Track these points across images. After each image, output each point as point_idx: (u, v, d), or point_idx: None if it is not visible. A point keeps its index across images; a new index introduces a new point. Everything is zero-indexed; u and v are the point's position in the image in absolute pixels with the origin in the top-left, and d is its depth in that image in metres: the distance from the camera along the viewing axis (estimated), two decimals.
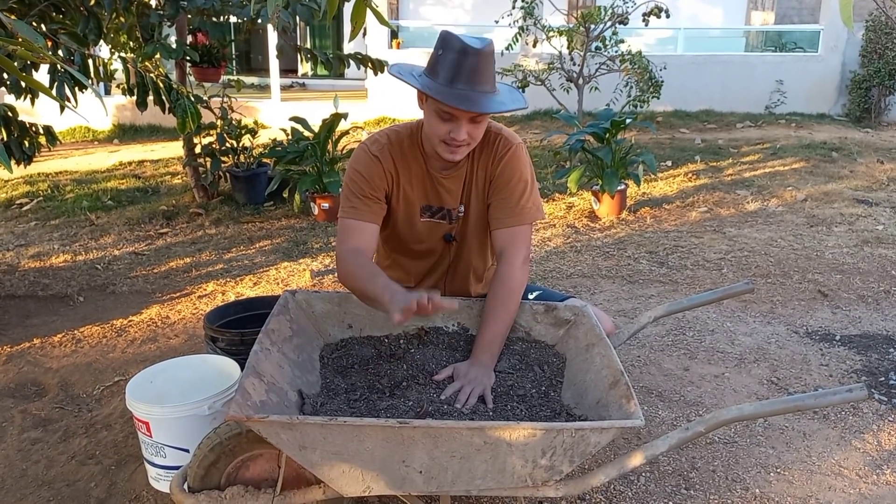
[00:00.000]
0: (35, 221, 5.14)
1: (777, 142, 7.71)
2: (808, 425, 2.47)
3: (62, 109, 3.13)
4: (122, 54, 4.62)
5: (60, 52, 3.28)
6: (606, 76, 7.23)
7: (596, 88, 7.24)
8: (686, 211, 5.21)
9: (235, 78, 5.96)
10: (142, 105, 3.89)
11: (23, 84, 3.42)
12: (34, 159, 3.98)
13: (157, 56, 4.38)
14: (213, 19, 4.88)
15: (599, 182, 4.97)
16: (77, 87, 3.33)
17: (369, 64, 4.97)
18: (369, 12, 1.89)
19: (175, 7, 4.29)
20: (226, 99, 5.47)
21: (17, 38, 1.32)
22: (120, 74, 4.41)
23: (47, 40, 3.16)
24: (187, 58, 4.77)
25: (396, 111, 9.28)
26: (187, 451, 2.00)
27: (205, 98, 4.90)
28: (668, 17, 6.71)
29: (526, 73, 7.19)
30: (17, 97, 3.48)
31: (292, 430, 1.43)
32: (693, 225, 4.88)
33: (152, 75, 3.77)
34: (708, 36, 11.40)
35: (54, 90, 3.32)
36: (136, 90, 3.78)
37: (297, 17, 4.27)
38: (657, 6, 6.65)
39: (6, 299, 3.68)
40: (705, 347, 3.09)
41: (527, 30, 7.06)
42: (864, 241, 4.48)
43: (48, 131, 3.95)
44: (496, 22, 7.26)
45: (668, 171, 6.41)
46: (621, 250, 4.36)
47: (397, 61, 2.06)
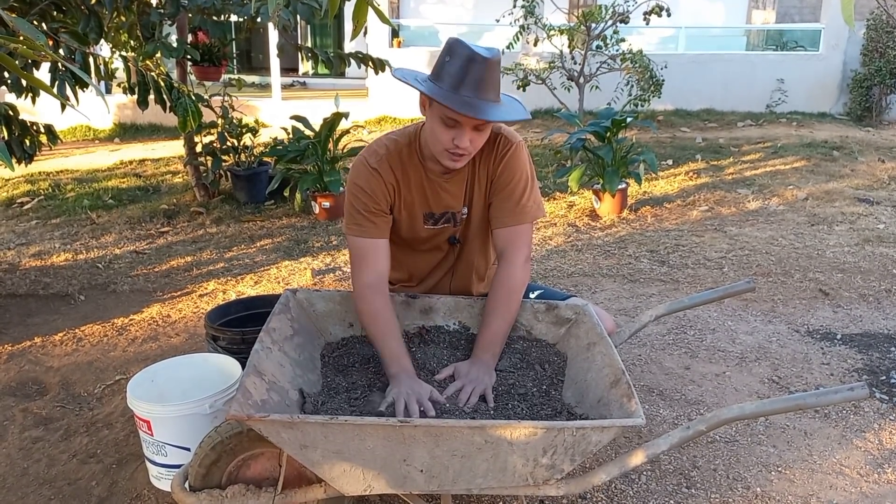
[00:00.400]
0: (36, 220, 5.14)
1: (778, 141, 7.70)
2: (809, 424, 2.47)
3: (63, 108, 3.13)
4: (123, 53, 4.61)
5: (61, 50, 3.27)
6: (607, 75, 7.22)
7: (597, 87, 7.23)
8: (687, 210, 5.21)
9: (236, 77, 5.97)
10: (143, 104, 3.88)
11: (24, 83, 3.42)
12: (35, 158, 3.98)
13: (158, 55, 4.37)
14: (214, 18, 4.87)
15: (600, 181, 4.97)
16: (78, 86, 3.33)
17: (370, 63, 4.96)
18: (371, 11, 1.89)
19: (176, 6, 4.29)
20: (226, 98, 5.47)
21: (18, 36, 1.32)
22: (121, 73, 4.41)
23: (48, 39, 3.16)
24: (188, 56, 4.77)
25: (397, 110, 9.27)
26: (188, 449, 2.00)
27: (205, 97, 4.90)
28: (668, 15, 6.70)
29: (527, 72, 7.19)
30: (18, 96, 3.48)
31: (293, 428, 1.43)
32: (694, 224, 4.88)
33: (153, 74, 3.77)
34: (709, 35, 11.38)
35: (55, 89, 3.32)
36: (137, 89, 3.77)
37: (297, 16, 4.27)
38: (658, 5, 6.64)
39: (7, 298, 3.68)
40: (706, 346, 3.09)
41: (528, 28, 7.06)
42: (866, 240, 4.48)
43: (49, 130, 3.94)
44: (497, 21, 7.26)
45: (669, 170, 6.40)
46: (622, 249, 4.36)
47: (400, 63, 2.08)
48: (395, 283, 2.13)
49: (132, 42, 5.04)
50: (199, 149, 5.42)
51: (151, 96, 3.88)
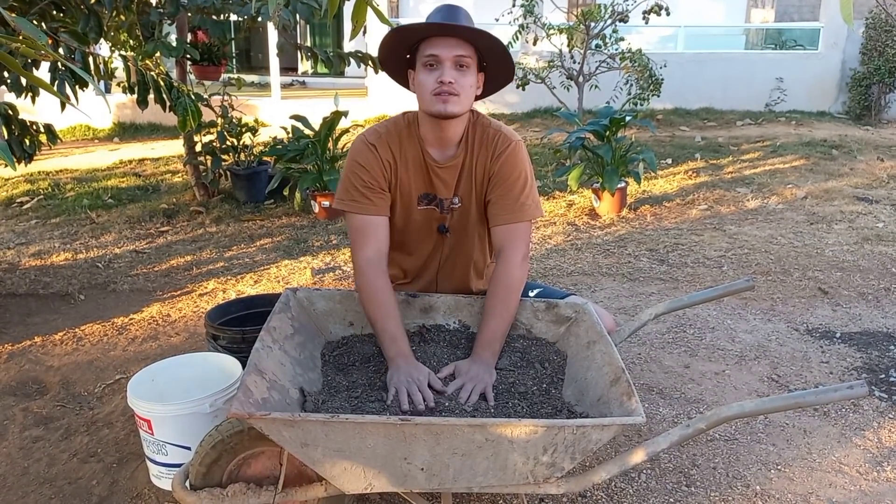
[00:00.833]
0: (36, 220, 5.14)
1: (777, 139, 7.71)
2: (808, 422, 2.48)
3: (63, 107, 3.13)
4: (123, 52, 4.61)
5: (61, 50, 3.27)
6: (607, 74, 7.23)
7: (596, 86, 7.23)
8: (686, 209, 5.21)
9: (236, 76, 5.97)
10: (142, 103, 3.88)
11: (23, 82, 3.42)
12: (34, 157, 3.98)
13: (158, 54, 4.38)
14: (214, 17, 4.87)
15: (600, 180, 4.97)
16: (78, 85, 3.33)
17: (369, 62, 4.96)
18: (370, 10, 1.89)
19: (175, 5, 4.29)
20: (226, 97, 5.47)
21: (18, 35, 1.32)
22: (120, 73, 4.40)
23: (48, 38, 3.16)
24: (188, 56, 4.77)
25: (397, 109, 9.22)
26: (189, 448, 2.01)
27: (205, 96, 4.90)
28: (668, 14, 6.70)
29: (526, 71, 7.19)
30: (18, 95, 3.48)
31: (294, 427, 1.44)
32: (693, 222, 4.88)
33: (153, 73, 3.77)
34: (708, 34, 11.39)
35: (55, 88, 3.32)
36: (136, 88, 3.77)
37: (297, 15, 4.27)
38: (657, 4, 6.64)
39: (7, 298, 3.68)
40: (706, 345, 3.09)
41: (527, 28, 7.06)
42: (865, 239, 4.48)
43: (49, 129, 3.94)
44: (496, 20, 7.26)
45: (669, 169, 6.41)
46: (622, 248, 4.36)
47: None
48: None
49: (131, 41, 5.04)
50: (198, 148, 5.42)
51: (151, 96, 3.88)
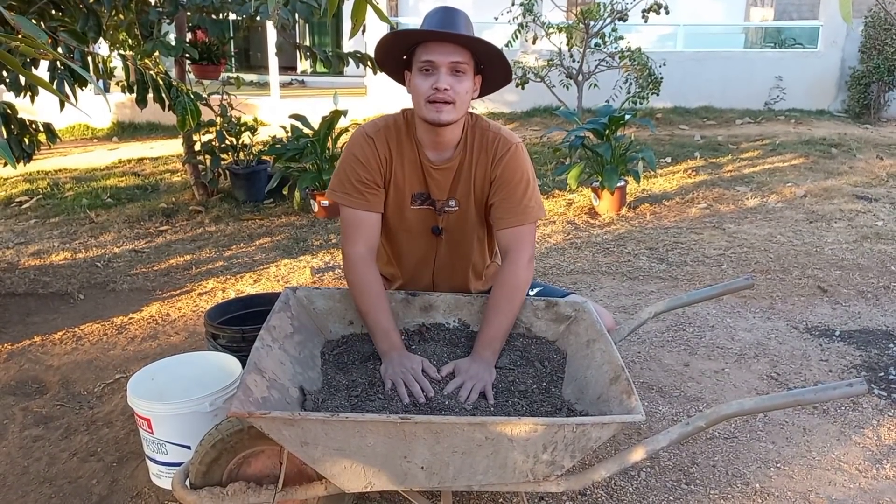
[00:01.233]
0: (35, 219, 5.14)
1: (776, 138, 7.71)
2: (807, 420, 2.48)
3: (62, 106, 3.13)
4: (122, 52, 4.61)
5: (60, 49, 3.27)
6: (606, 73, 7.23)
7: (595, 85, 7.23)
8: (686, 207, 5.21)
9: (235, 75, 5.96)
10: (142, 102, 3.88)
11: (22, 81, 3.42)
12: (33, 157, 3.97)
13: (157, 53, 4.37)
14: (213, 16, 4.87)
15: (599, 179, 4.97)
16: (78, 85, 3.32)
17: (368, 62, 4.96)
18: (369, 9, 1.89)
19: (174, 4, 4.28)
20: (225, 96, 5.47)
21: (17, 34, 1.32)
22: (119, 72, 4.39)
23: (48, 37, 3.16)
24: (186, 55, 4.77)
25: (396, 108, 9.24)
26: (188, 447, 2.01)
27: (204, 95, 4.89)
28: (667, 13, 6.70)
29: (525, 70, 7.19)
30: (17, 94, 3.48)
31: (294, 426, 1.44)
32: (693, 221, 4.88)
33: (152, 73, 3.77)
34: (707, 32, 11.39)
35: (54, 87, 3.31)
36: (135, 88, 3.77)
37: (296, 14, 4.26)
38: (656, 2, 6.64)
39: (6, 297, 3.68)
40: (705, 343, 3.10)
41: (526, 27, 7.06)
42: (864, 237, 4.48)
43: (48, 129, 3.94)
44: (496, 19, 7.26)
45: (668, 168, 6.41)
46: (621, 247, 4.37)
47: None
48: (384, 276, 2.14)
49: (130, 40, 5.03)
50: (197, 147, 5.42)
51: (150, 95, 3.87)
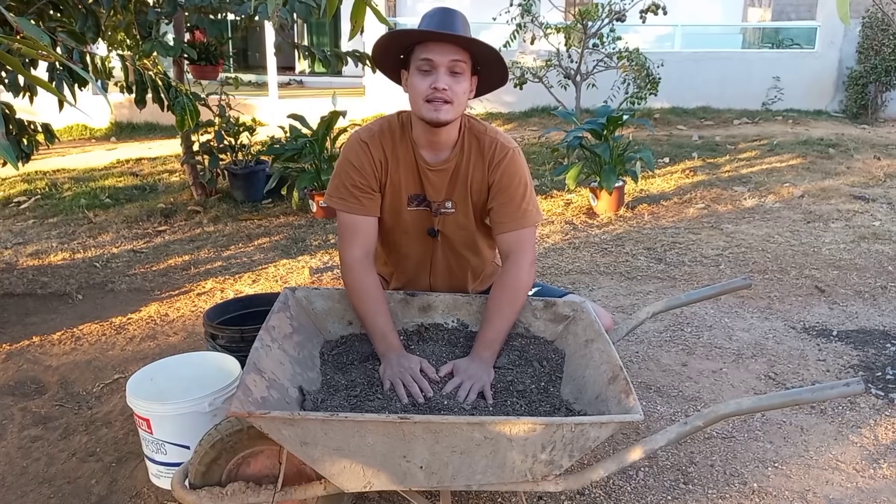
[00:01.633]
0: (33, 219, 5.13)
1: (774, 138, 7.72)
2: (805, 420, 2.49)
3: (61, 107, 3.13)
4: (120, 52, 4.61)
5: (59, 49, 3.27)
6: (604, 73, 7.24)
7: (593, 85, 7.25)
8: (683, 207, 5.22)
9: (233, 75, 5.96)
10: (140, 103, 3.88)
11: (21, 82, 3.41)
12: (32, 157, 3.97)
13: (155, 54, 4.37)
14: (211, 17, 4.87)
15: (597, 179, 4.98)
16: (77, 85, 3.32)
17: (367, 61, 4.96)
18: (368, 10, 1.90)
19: (173, 4, 4.28)
20: (223, 96, 5.47)
21: (16, 34, 1.32)
22: (118, 72, 4.39)
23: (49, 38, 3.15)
24: (185, 55, 4.77)
25: (394, 108, 9.23)
26: (188, 447, 2.01)
27: (202, 95, 4.89)
28: (665, 13, 6.72)
29: (524, 70, 7.20)
30: (16, 95, 3.47)
31: (294, 425, 1.44)
32: (690, 221, 4.89)
33: (151, 73, 3.77)
34: (705, 33, 11.41)
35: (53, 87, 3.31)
36: (134, 88, 3.77)
37: (294, 15, 4.26)
38: (654, 3, 6.66)
39: (5, 297, 3.67)
40: (703, 343, 3.10)
41: (524, 27, 7.07)
42: (861, 237, 4.50)
43: (47, 129, 3.94)
44: (494, 19, 7.26)
45: (666, 168, 6.41)
46: (619, 247, 4.37)
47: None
48: (382, 276, 2.15)
49: (129, 41, 5.03)
50: (196, 147, 5.42)
51: (149, 95, 3.88)
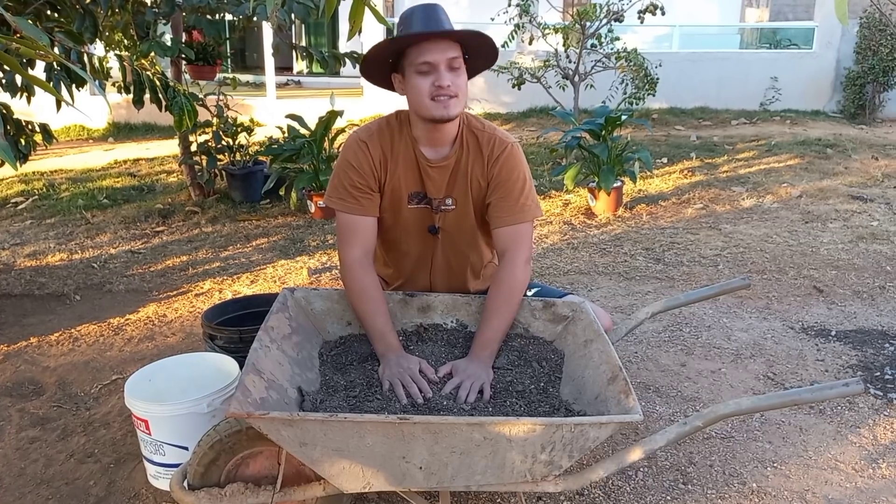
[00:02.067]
0: (30, 220, 5.12)
1: (772, 138, 7.73)
2: (804, 420, 2.49)
3: (59, 107, 3.12)
4: (118, 52, 4.60)
5: (56, 49, 3.26)
6: (602, 73, 7.24)
7: (592, 86, 7.25)
8: (682, 207, 5.22)
9: (231, 76, 5.95)
10: (138, 103, 3.87)
11: (18, 82, 3.41)
12: (29, 158, 3.96)
13: (153, 54, 4.36)
14: (209, 17, 4.86)
15: (596, 179, 4.98)
16: (75, 85, 3.32)
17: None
18: (367, 11, 1.89)
19: (170, 4, 4.27)
20: (221, 97, 5.46)
21: (14, 34, 1.32)
22: (115, 73, 4.38)
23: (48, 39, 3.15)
24: (183, 56, 4.76)
25: (392, 108, 9.24)
26: (186, 448, 2.01)
27: (200, 96, 4.89)
28: (663, 14, 6.72)
29: (522, 71, 7.20)
30: (13, 95, 3.47)
31: (293, 426, 1.44)
32: (689, 221, 4.90)
33: (149, 73, 3.76)
34: (703, 33, 11.41)
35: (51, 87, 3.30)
36: (132, 88, 3.77)
37: (292, 15, 4.26)
38: (652, 3, 6.66)
39: (2, 298, 3.67)
40: (702, 343, 3.10)
41: (523, 27, 7.08)
42: (859, 237, 4.50)
43: (44, 129, 3.93)
44: (492, 19, 7.26)
45: (664, 168, 6.42)
46: (618, 247, 4.37)
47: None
48: (382, 278, 2.15)
49: (126, 41, 5.02)
50: (193, 148, 5.41)
51: (147, 95, 3.87)
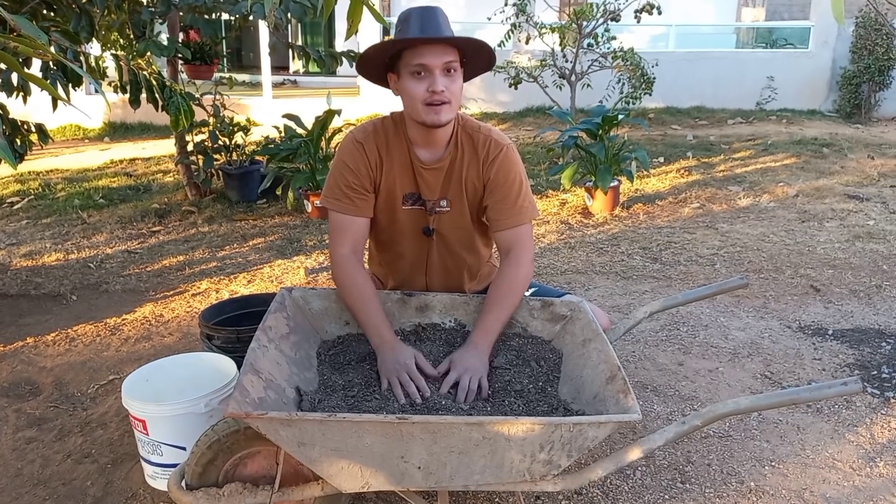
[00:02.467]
0: (26, 220, 5.11)
1: (768, 138, 7.74)
2: (801, 419, 2.49)
3: (55, 106, 3.11)
4: (114, 52, 4.59)
5: (52, 48, 3.25)
6: (599, 73, 7.25)
7: (588, 85, 7.25)
8: (679, 207, 5.23)
9: (227, 75, 5.95)
10: (135, 103, 3.86)
11: (14, 82, 3.39)
12: (25, 157, 3.95)
13: (149, 54, 4.35)
14: (205, 16, 4.85)
15: (592, 178, 4.98)
16: (72, 85, 3.30)
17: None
18: (365, 10, 1.89)
19: (166, 4, 4.26)
20: (218, 96, 5.45)
21: (11, 33, 1.31)
22: (111, 72, 4.36)
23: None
24: (179, 55, 4.75)
25: (389, 108, 9.23)
26: (184, 448, 2.00)
27: (197, 95, 4.88)
28: (659, 13, 6.73)
29: (518, 70, 7.20)
30: (9, 94, 3.46)
31: (291, 426, 1.43)
32: (686, 221, 4.90)
33: (145, 73, 3.75)
34: (699, 33, 11.42)
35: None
36: (129, 88, 3.76)
37: (289, 14, 4.25)
38: (649, 3, 6.67)
39: None
40: (699, 342, 3.11)
41: (519, 27, 7.07)
42: (856, 236, 4.51)
43: (40, 129, 3.92)
44: (488, 19, 7.26)
45: (661, 168, 6.42)
46: (615, 246, 4.38)
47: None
48: (379, 279, 2.16)
49: (122, 41, 5.01)
50: (190, 147, 5.40)
51: (143, 95, 3.86)
